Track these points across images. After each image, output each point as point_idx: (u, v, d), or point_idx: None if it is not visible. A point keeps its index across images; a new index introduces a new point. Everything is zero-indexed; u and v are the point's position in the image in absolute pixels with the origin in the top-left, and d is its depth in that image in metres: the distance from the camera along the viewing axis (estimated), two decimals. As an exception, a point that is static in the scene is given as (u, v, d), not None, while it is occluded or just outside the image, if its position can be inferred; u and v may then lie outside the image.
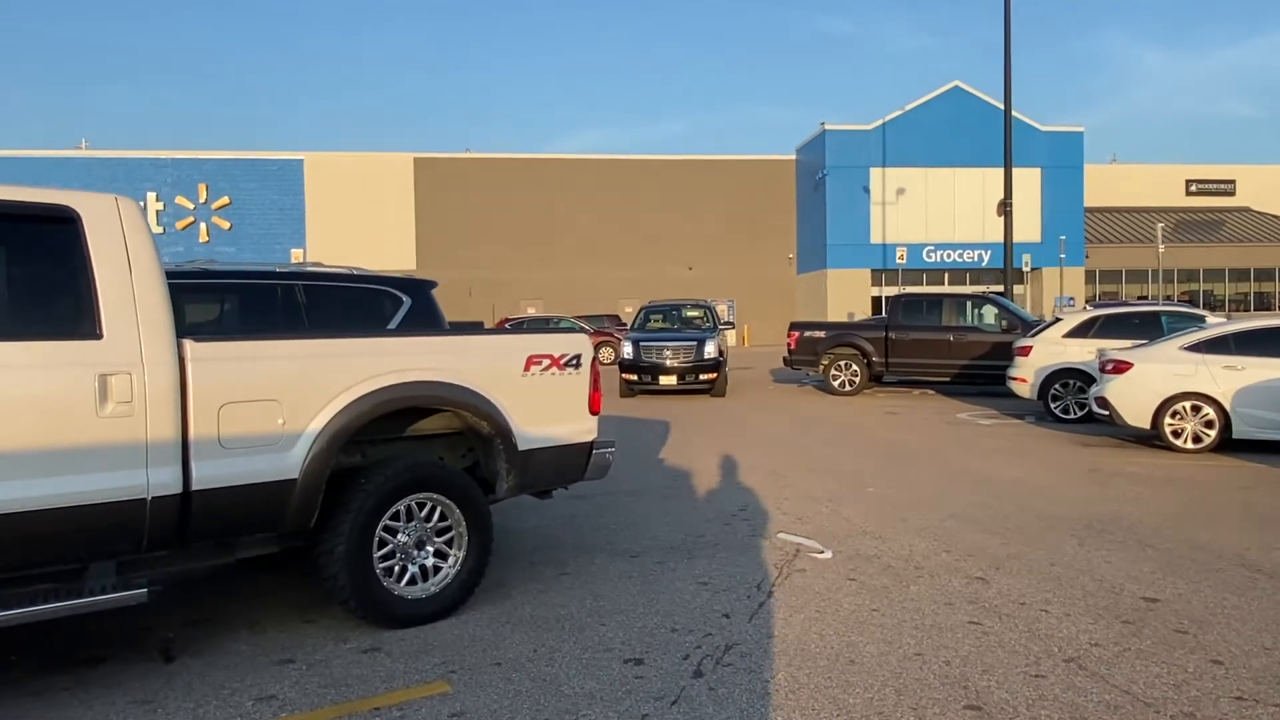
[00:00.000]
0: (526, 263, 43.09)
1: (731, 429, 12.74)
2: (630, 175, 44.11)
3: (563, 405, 5.20)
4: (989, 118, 40.25)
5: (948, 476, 8.88)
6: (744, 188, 44.51)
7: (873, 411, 14.92)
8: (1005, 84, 22.28)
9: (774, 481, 8.68)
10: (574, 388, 5.24)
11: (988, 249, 40.52)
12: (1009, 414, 14.27)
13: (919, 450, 10.61)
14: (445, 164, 43.04)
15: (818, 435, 12.03)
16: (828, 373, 17.75)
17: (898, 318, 17.44)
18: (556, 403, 5.17)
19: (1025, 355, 13.55)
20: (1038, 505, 7.49)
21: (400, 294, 7.59)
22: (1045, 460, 9.83)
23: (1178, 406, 10.17)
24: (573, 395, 5.25)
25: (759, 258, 44.53)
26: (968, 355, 16.79)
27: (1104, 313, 13.40)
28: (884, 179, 40.04)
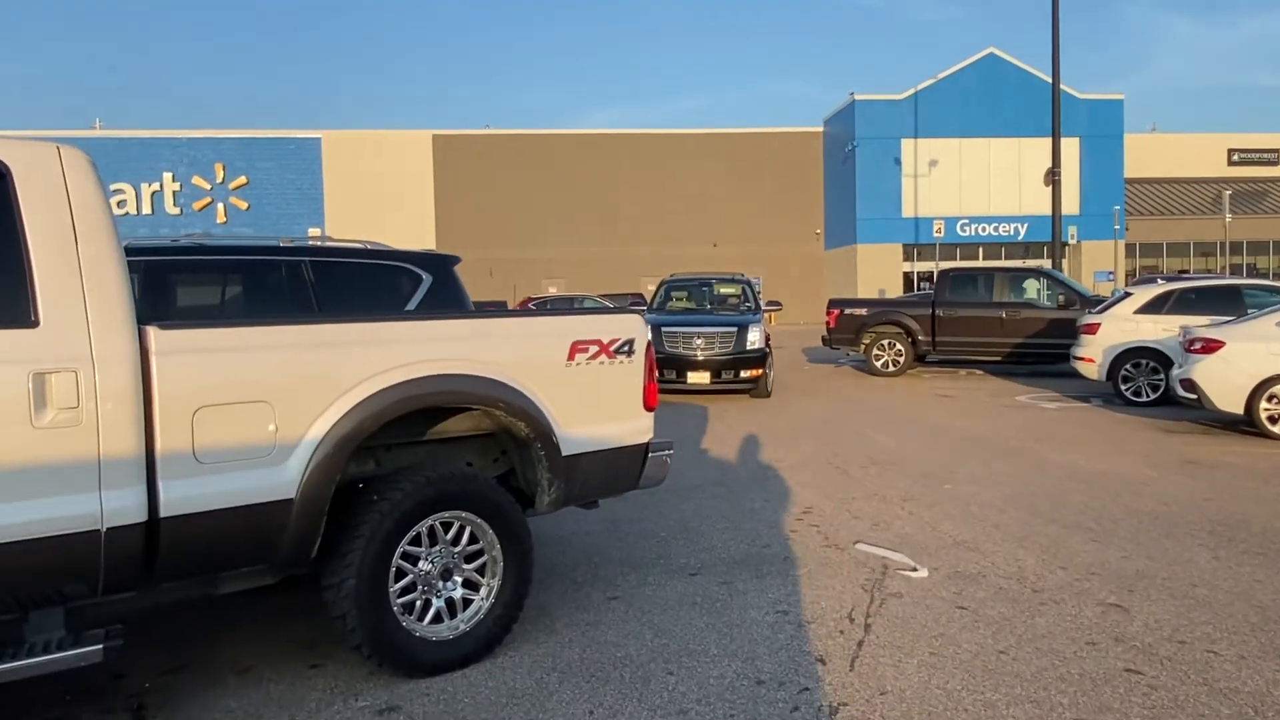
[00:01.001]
0: (548, 241, 42.21)
1: (774, 414, 11.85)
2: (652, 150, 43.04)
3: (613, 400, 4.35)
4: (1025, 85, 38.88)
5: (1028, 470, 7.97)
6: (769, 161, 43.33)
7: (923, 394, 13.98)
8: (1053, 46, 21.09)
9: (835, 477, 7.80)
10: (626, 379, 4.39)
11: (1024, 222, 39.23)
12: (1072, 396, 13.29)
13: (987, 439, 9.69)
14: (464, 141, 42.15)
15: (869, 421, 11.12)
16: (869, 352, 16.80)
17: (945, 294, 16.44)
18: (606, 397, 4.31)
19: (1092, 333, 12.55)
20: (1142, 505, 6.58)
21: (420, 270, 6.74)
22: (1131, 449, 8.89)
23: (1276, 389, 9.19)
24: (625, 388, 4.39)
25: (785, 233, 43.41)
26: (1021, 333, 15.78)
27: (1179, 286, 12.37)
28: (916, 150, 38.76)
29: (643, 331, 4.44)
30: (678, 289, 16.24)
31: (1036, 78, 38.85)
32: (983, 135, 38.76)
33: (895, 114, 38.73)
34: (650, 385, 4.48)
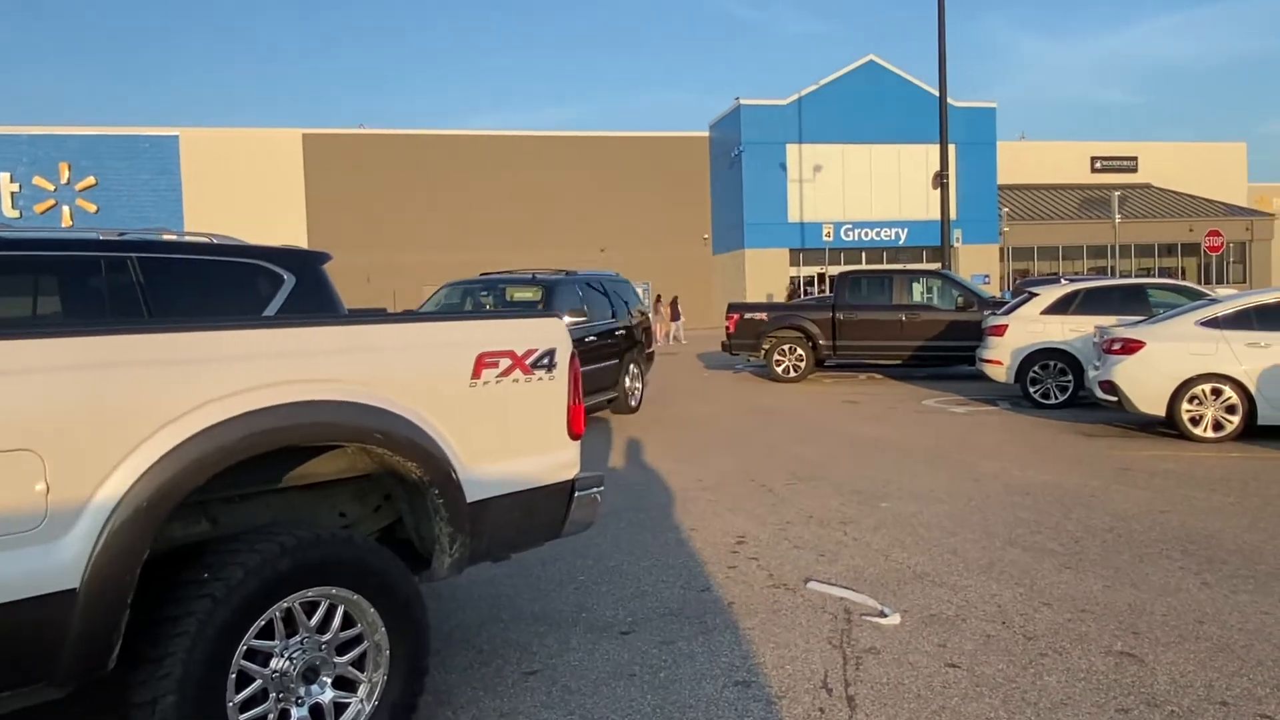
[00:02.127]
0: (430, 246, 40.54)
1: (680, 427, 11.08)
2: (538, 153, 41.98)
3: (531, 427, 3.43)
4: (903, 93, 39.66)
5: (963, 483, 7.41)
6: (657, 166, 42.89)
7: (829, 400, 13.49)
8: (940, 54, 21.18)
9: (762, 497, 7.05)
10: (547, 400, 3.47)
11: (904, 227, 39.99)
12: (979, 399, 13.03)
13: (909, 448, 9.16)
14: (337, 140, 40.09)
15: (783, 431, 10.47)
16: (771, 358, 16.29)
17: (845, 297, 16.08)
18: (522, 424, 3.39)
19: (1000, 335, 12.29)
20: (1097, 520, 6.06)
21: (279, 270, 5.59)
22: (1059, 456, 8.48)
23: (1196, 390, 8.98)
24: (545, 411, 3.48)
25: (674, 238, 43.04)
26: (921, 336, 15.55)
27: (1085, 286, 12.24)
28: (800, 155, 38.99)
29: (565, 340, 3.54)
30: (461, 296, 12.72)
31: (914, 85, 39.71)
32: (864, 141, 39.31)
33: (780, 119, 38.88)
34: (576, 407, 3.58)
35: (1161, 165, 47.69)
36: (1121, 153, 48.03)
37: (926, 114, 39.02)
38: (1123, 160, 47.84)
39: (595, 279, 12.58)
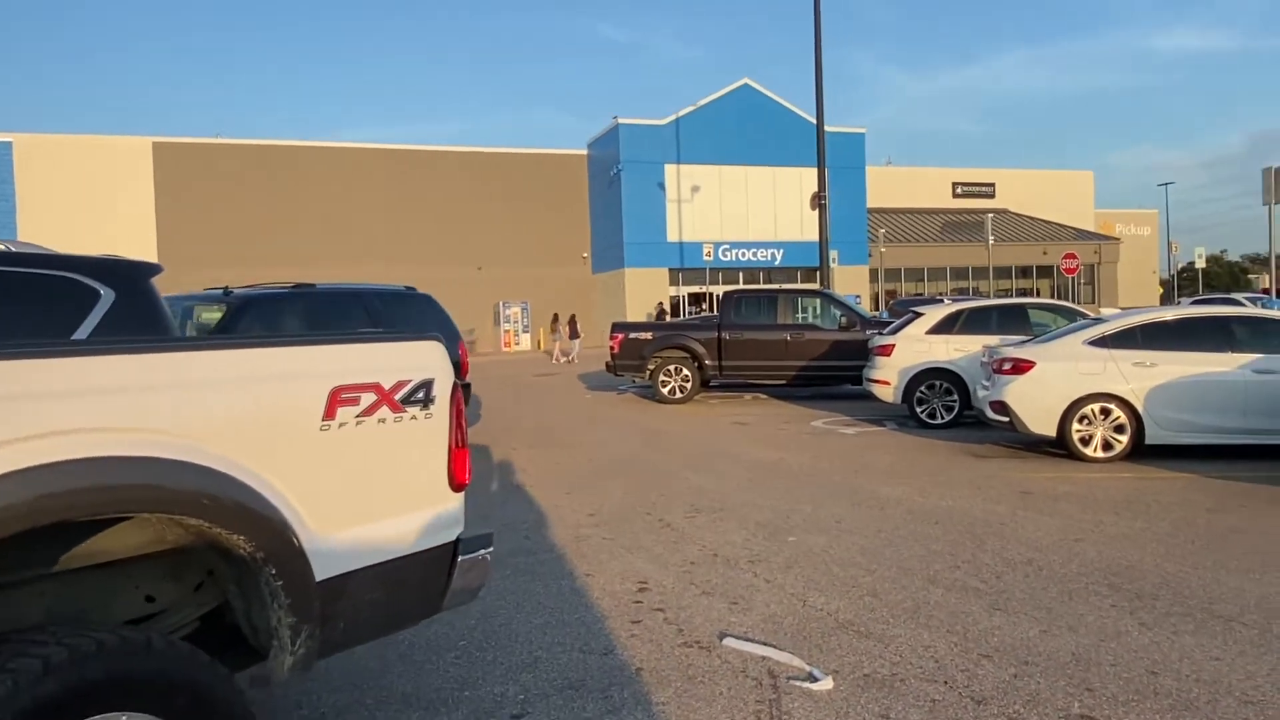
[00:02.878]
0: (294, 262, 38.50)
1: (568, 453, 10.43)
2: (411, 168, 40.61)
3: (402, 480, 2.75)
4: (777, 116, 40.33)
5: (868, 511, 7.05)
6: (535, 184, 42.19)
7: (718, 422, 13.11)
8: (817, 77, 21.39)
9: (661, 533, 6.49)
10: (423, 444, 2.80)
11: (780, 248, 40.56)
12: (865, 419, 12.89)
13: (806, 473, 8.79)
14: (191, 150, 37.67)
15: (676, 458, 9.97)
16: (656, 378, 15.83)
17: (730, 317, 15.80)
18: (391, 476, 2.71)
19: (887, 355, 12.18)
20: (1013, 552, 5.76)
21: (95, 283, 4.71)
22: (957, 480, 8.26)
23: (1086, 410, 8.96)
24: (421, 459, 2.81)
25: (552, 257, 42.36)
26: (806, 356, 15.41)
27: (968, 306, 12.28)
28: (679, 175, 39.05)
29: (444, 367, 2.88)
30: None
31: (788, 110, 40.45)
32: (741, 163, 39.72)
33: (658, 139, 38.87)
34: (459, 452, 2.91)
35: (1016, 191, 50.22)
36: (980, 179, 50.34)
37: (799, 138, 39.82)
38: (981, 186, 50.13)
39: (349, 294, 10.08)
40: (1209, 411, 8.67)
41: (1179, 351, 8.84)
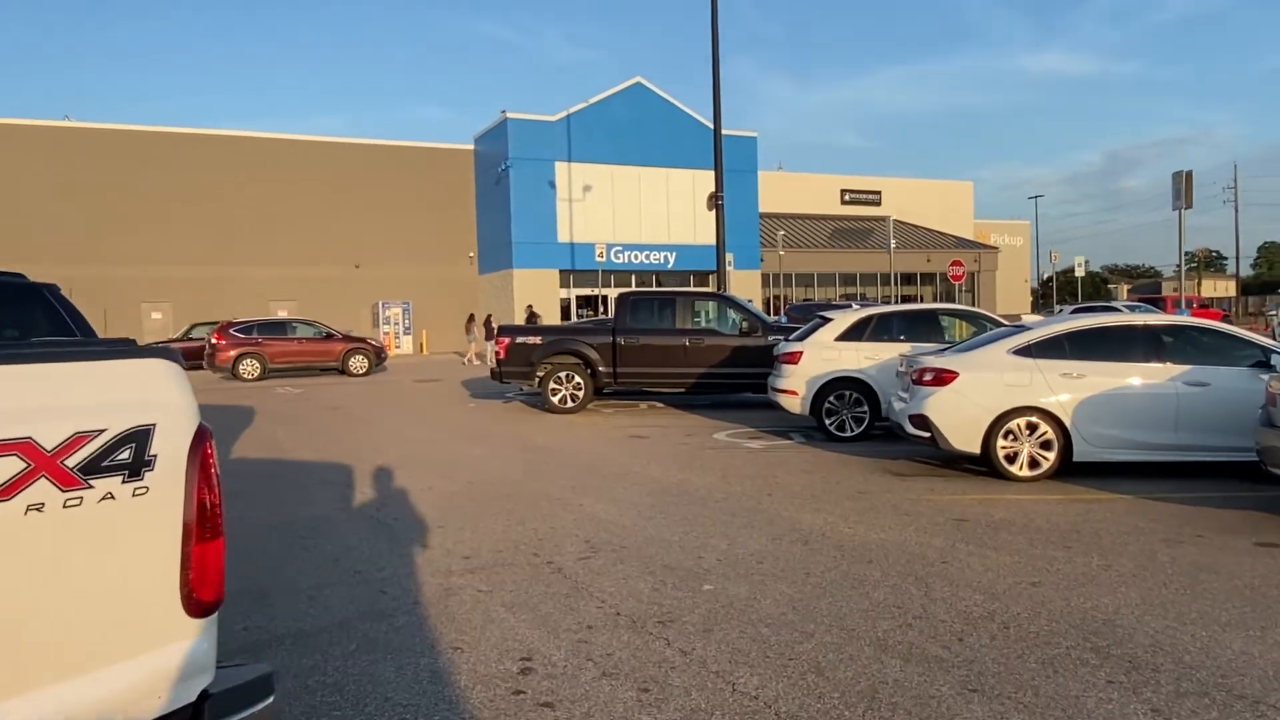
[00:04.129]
0: (149, 258, 35.56)
1: (444, 471, 9.16)
2: (281, 158, 38.10)
3: (89, 611, 1.53)
4: (670, 117, 39.66)
5: (791, 546, 6.09)
6: (417, 179, 40.26)
7: (613, 435, 12.04)
8: (714, 75, 20.62)
9: (550, 582, 5.35)
10: (127, 541, 1.59)
11: (673, 250, 39.88)
12: (770, 432, 12.05)
13: (715, 497, 7.79)
14: (33, 133, 34.26)
15: (567, 478, 8.83)
16: (546, 386, 14.66)
17: (626, 320, 14.77)
18: (63, 606, 1.49)
19: (794, 362, 11.36)
20: (968, 602, 4.88)
21: None
22: (883, 506, 7.41)
23: (1012, 424, 8.26)
24: (124, 568, 1.59)
25: (436, 256, 40.52)
26: (705, 362, 14.51)
27: (877, 312, 11.57)
28: (570, 174, 37.87)
29: (176, 404, 1.68)
30: None
31: (680, 110, 39.82)
32: (633, 163, 38.85)
33: (548, 136, 37.60)
34: (202, 548, 1.71)
35: (901, 199, 51.03)
36: (867, 186, 50.97)
37: (692, 139, 39.25)
38: (868, 194, 50.76)
39: None
40: (1140, 427, 8.09)
41: (1108, 362, 8.25)
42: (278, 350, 25.15)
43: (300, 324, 26.61)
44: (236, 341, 24.72)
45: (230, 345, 24.57)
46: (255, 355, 24.69)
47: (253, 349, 24.73)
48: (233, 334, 24.86)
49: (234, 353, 24.49)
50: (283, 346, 25.32)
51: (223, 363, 24.42)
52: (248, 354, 24.63)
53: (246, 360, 24.54)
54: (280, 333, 25.73)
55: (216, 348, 24.55)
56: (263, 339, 25.08)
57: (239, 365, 24.43)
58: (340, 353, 25.52)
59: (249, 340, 24.89)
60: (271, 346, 25.06)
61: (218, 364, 24.52)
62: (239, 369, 24.41)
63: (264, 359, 24.74)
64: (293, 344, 25.54)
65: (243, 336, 24.93)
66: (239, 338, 24.85)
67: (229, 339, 24.69)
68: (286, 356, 25.26)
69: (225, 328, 25.19)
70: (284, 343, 25.43)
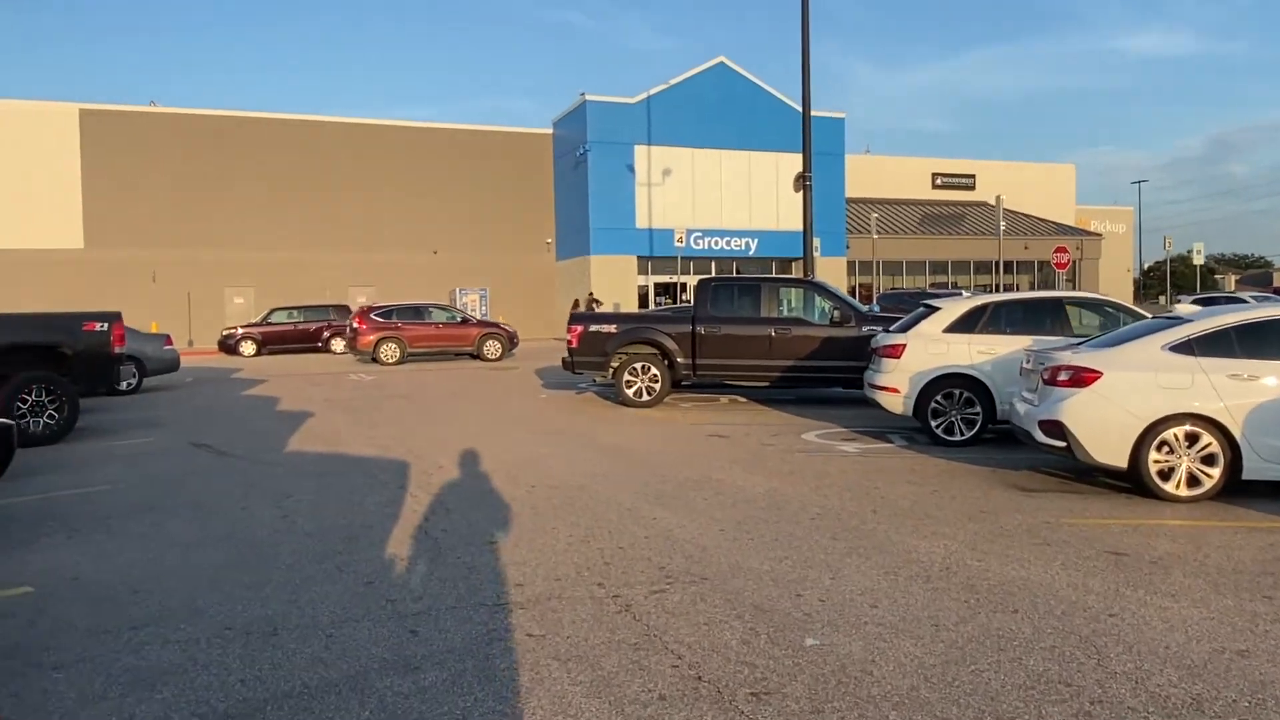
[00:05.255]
0: (230, 242, 35.86)
1: (505, 474, 8.26)
2: (362, 142, 38.02)
3: None
4: (754, 98, 38.31)
5: (911, 584, 4.98)
6: (496, 165, 39.78)
7: (692, 433, 11.01)
8: (803, 39, 19.29)
9: (616, 624, 4.38)
10: None
11: (755, 237, 38.57)
12: (865, 432, 10.87)
13: (809, 512, 6.70)
14: (123, 119, 34.81)
15: (639, 485, 7.85)
16: (620, 378, 13.71)
17: (707, 309, 13.70)
18: None
19: (895, 357, 10.15)
20: (1163, 681, 3.72)
21: None
22: (1014, 530, 6.22)
23: (1167, 434, 6.96)
24: None
25: (514, 242, 40.02)
26: (792, 354, 13.36)
27: (992, 300, 10.25)
28: (650, 157, 36.86)
29: None
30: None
31: (765, 91, 38.41)
32: (715, 146, 37.63)
33: (628, 118, 36.64)
34: None
35: (997, 183, 48.55)
36: (960, 170, 48.68)
37: (776, 121, 37.83)
38: (961, 177, 48.48)
39: None
40: (1331, 440, 6.70)
41: (1291, 361, 6.86)
42: (416, 334, 24.95)
43: (436, 308, 26.39)
44: (377, 326, 24.63)
45: (371, 329, 24.51)
46: (395, 339, 24.55)
47: (392, 333, 24.60)
48: (373, 318, 24.79)
49: (375, 336, 24.40)
50: (421, 331, 25.12)
51: (364, 346, 24.42)
52: (388, 338, 24.50)
53: (387, 344, 24.43)
54: (418, 317, 25.55)
55: (358, 332, 24.58)
56: (402, 323, 24.94)
57: (380, 349, 24.34)
58: (475, 337, 25.33)
59: (389, 325, 24.76)
60: (410, 330, 24.89)
61: (359, 348, 24.57)
62: (379, 352, 24.33)
63: (403, 343, 24.59)
64: (430, 328, 25.34)
65: (383, 321, 24.82)
66: (379, 322, 24.76)
67: (370, 323, 24.64)
68: (424, 341, 25.05)
69: (366, 312, 25.21)
70: (422, 327, 25.23)
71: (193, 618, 4.61)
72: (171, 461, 9.50)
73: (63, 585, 5.20)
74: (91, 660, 4.07)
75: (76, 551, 5.92)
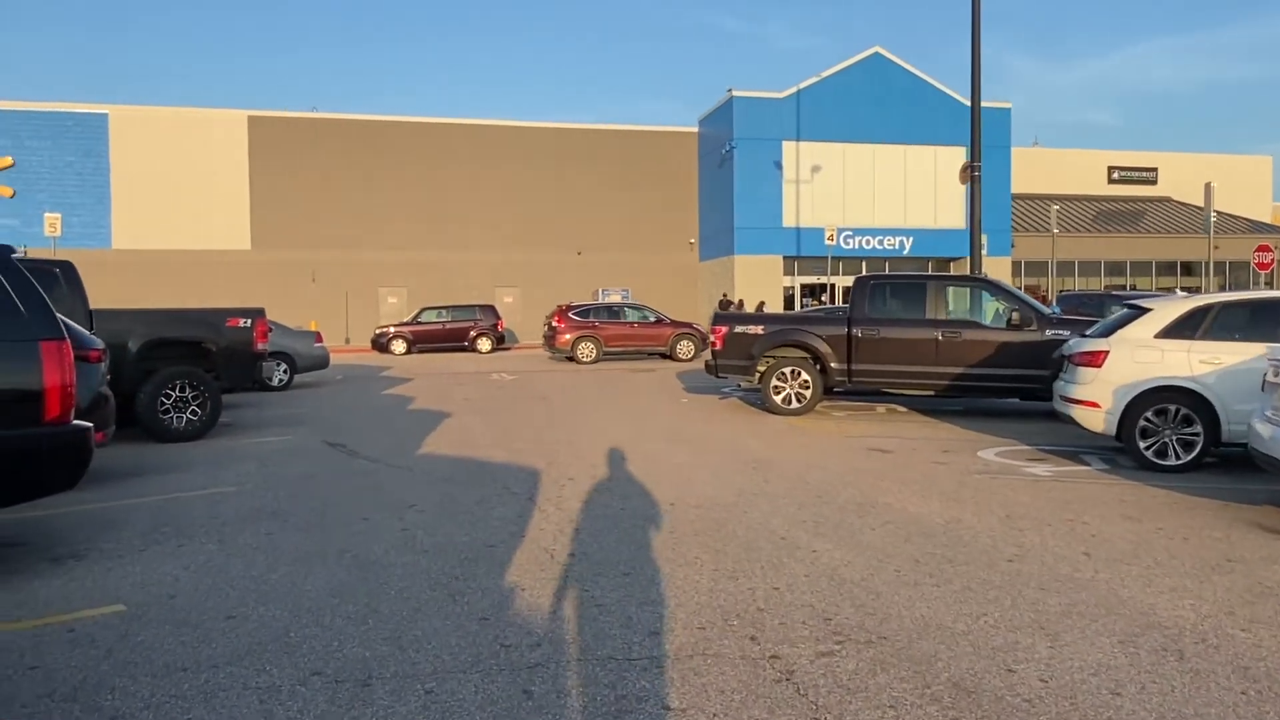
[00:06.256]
0: (383, 243, 36.85)
1: (642, 489, 7.45)
2: (509, 145, 38.38)
3: None
4: (911, 89, 36.38)
5: (1161, 665, 3.84)
6: (640, 164, 39.37)
7: (848, 446, 9.91)
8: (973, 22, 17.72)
9: (773, 697, 3.46)
10: None
11: (909, 235, 36.62)
12: (1052, 451, 9.49)
13: (1002, 552, 5.56)
14: (287, 124, 36.34)
15: (793, 507, 6.87)
16: (767, 383, 12.72)
17: (865, 309, 12.53)
18: None
19: (1095, 365, 8.74)
20: None
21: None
22: (1277, 587, 4.91)
23: None
24: None
25: (657, 242, 39.51)
26: (962, 360, 12.02)
27: (1218, 300, 8.70)
28: (798, 154, 35.54)
29: None
30: None
31: (923, 81, 36.42)
32: (868, 140, 35.93)
33: (776, 114, 35.44)
34: None
35: (1181, 178, 44.50)
36: (1139, 163, 44.85)
37: (935, 112, 35.80)
38: (1141, 171, 44.66)
39: None
40: None
41: None
42: (613, 334, 24.96)
43: (630, 308, 26.37)
44: (575, 325, 24.77)
45: (569, 328, 24.66)
46: (592, 338, 24.62)
47: (590, 332, 24.67)
48: (572, 317, 24.96)
49: (573, 335, 24.55)
50: (617, 330, 25.14)
51: (562, 345, 24.57)
52: (586, 336, 24.58)
53: (585, 343, 24.54)
54: (615, 317, 25.61)
55: (556, 330, 24.75)
56: (599, 323, 25.01)
57: (577, 347, 24.45)
58: (669, 337, 25.21)
59: (586, 324, 24.86)
60: (607, 330, 24.95)
61: (556, 346, 24.73)
62: (577, 351, 24.44)
63: (600, 342, 24.63)
64: (626, 328, 25.35)
65: (580, 320, 24.91)
66: (577, 321, 24.91)
67: (568, 322, 24.81)
68: (620, 340, 25.04)
69: (564, 311, 25.38)
70: (618, 326, 25.26)
71: (282, 656, 3.99)
72: (303, 462, 9.20)
73: (157, 604, 4.72)
74: (156, 709, 3.48)
75: (182, 563, 5.48)
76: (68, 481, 5.20)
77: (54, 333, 4.74)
